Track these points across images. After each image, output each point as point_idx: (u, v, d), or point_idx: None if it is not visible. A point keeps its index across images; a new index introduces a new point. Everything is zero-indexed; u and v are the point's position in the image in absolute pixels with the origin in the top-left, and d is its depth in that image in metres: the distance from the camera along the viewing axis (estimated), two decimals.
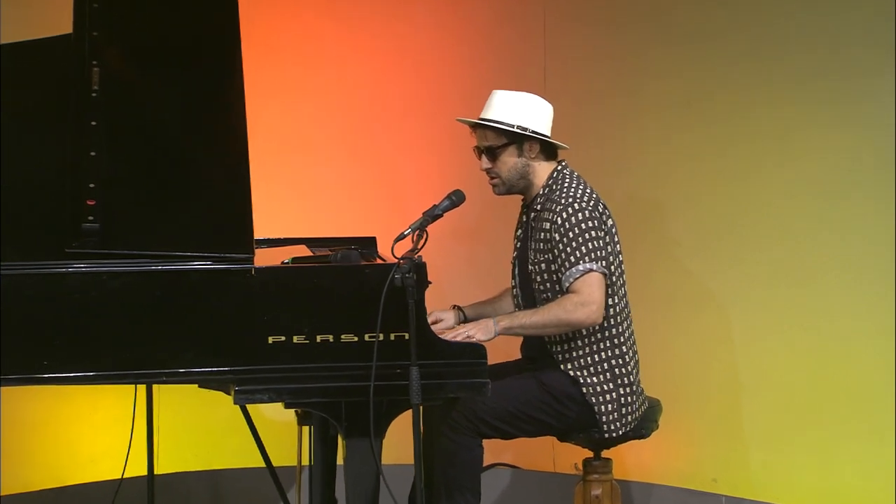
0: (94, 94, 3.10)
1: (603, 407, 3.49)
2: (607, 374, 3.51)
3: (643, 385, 3.65)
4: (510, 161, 3.58)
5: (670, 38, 4.37)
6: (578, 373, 3.51)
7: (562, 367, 3.52)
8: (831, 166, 4.08)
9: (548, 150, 3.62)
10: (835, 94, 4.04)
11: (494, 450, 3.75)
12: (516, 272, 3.70)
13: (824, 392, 4.09)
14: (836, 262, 4.07)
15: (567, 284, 3.44)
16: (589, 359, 3.51)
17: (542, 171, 3.60)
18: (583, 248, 3.44)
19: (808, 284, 4.12)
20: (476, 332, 3.41)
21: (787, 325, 4.15)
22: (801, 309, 4.12)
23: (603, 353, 3.52)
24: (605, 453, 3.65)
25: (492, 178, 3.62)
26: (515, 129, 3.54)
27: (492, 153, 3.58)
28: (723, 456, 4.29)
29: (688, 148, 4.37)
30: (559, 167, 3.62)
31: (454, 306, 3.75)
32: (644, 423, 3.62)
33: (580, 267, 3.43)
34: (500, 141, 3.57)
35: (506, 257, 3.78)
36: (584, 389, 3.49)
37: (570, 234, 3.45)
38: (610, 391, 3.50)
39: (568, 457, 4.23)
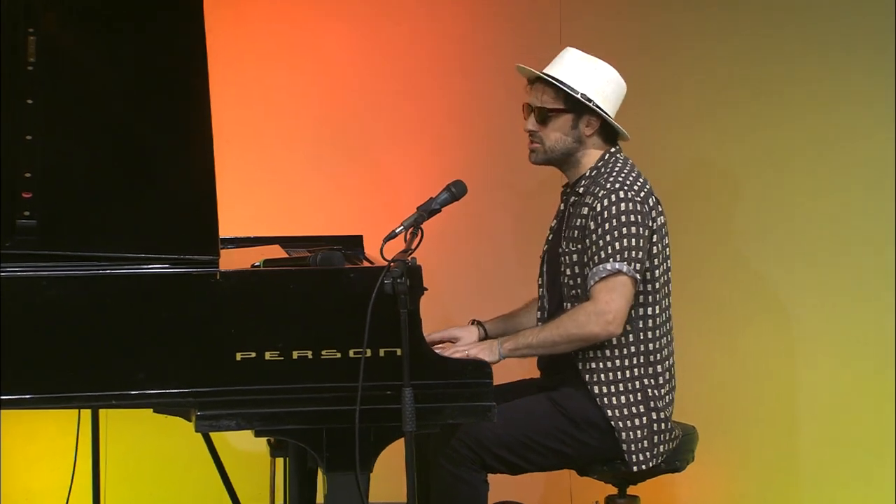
0: (29, 68, 3.08)
1: (630, 434, 3.49)
2: (638, 394, 3.51)
3: (676, 409, 3.64)
4: (561, 131, 3.60)
5: None
6: (605, 389, 3.51)
7: (586, 377, 3.52)
8: None
9: (607, 133, 3.63)
10: None
11: (500, 484, 3.75)
12: (544, 269, 3.71)
13: None
14: None
15: (590, 284, 3.45)
16: (619, 374, 3.52)
17: (592, 153, 3.62)
18: (616, 244, 3.44)
19: (880, 292, 4.11)
20: (479, 352, 3.44)
21: (854, 339, 4.15)
22: (870, 320, 4.13)
23: (636, 370, 3.52)
24: (631, 489, 3.65)
25: (533, 142, 3.63)
26: (579, 97, 3.55)
27: (543, 116, 3.59)
28: (771, 495, 4.29)
29: (730, 127, 4.42)
30: (612, 149, 3.64)
31: (473, 321, 3.75)
32: (678, 455, 3.62)
33: (608, 266, 3.43)
34: (556, 104, 3.59)
35: (515, 259, 3.79)
36: (610, 412, 3.50)
37: (607, 226, 3.45)
38: (640, 415, 3.50)
39: (587, 493, 4.23)
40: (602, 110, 3.57)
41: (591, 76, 3.58)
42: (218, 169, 3.11)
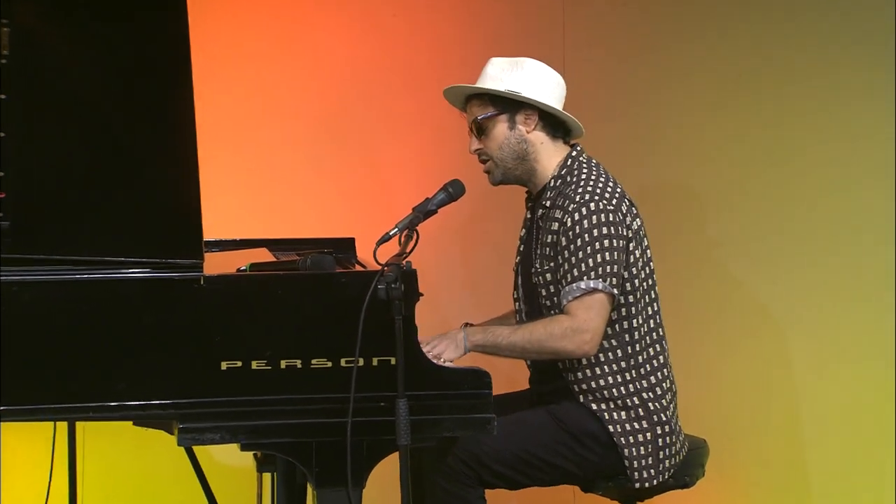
0: (3, 61, 3.07)
1: (634, 450, 3.47)
2: (639, 409, 3.49)
3: (683, 422, 3.63)
4: (501, 135, 3.57)
5: None
6: (603, 405, 3.49)
7: (581, 398, 3.51)
8: None
9: (553, 127, 3.59)
10: None
11: (499, 501, 3.72)
12: (519, 282, 3.70)
13: None
14: None
15: (564, 302, 3.42)
16: (614, 390, 3.49)
17: (548, 155, 3.59)
18: (590, 260, 3.41)
19: (880, 292, 4.12)
20: (443, 347, 3.42)
21: (861, 346, 4.16)
22: (877, 326, 4.12)
23: (631, 385, 3.50)
24: None
25: (483, 160, 3.63)
26: (504, 93, 3.51)
27: (479, 128, 3.58)
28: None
29: (732, 126, 4.46)
30: (573, 153, 3.59)
31: (466, 324, 3.72)
32: (687, 469, 3.61)
33: (582, 284, 3.41)
34: (486, 110, 3.56)
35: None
36: (612, 427, 3.47)
37: (579, 242, 3.42)
38: (642, 431, 3.48)
39: None
40: (533, 101, 3.53)
41: (513, 73, 3.55)
42: (204, 166, 3.10)
